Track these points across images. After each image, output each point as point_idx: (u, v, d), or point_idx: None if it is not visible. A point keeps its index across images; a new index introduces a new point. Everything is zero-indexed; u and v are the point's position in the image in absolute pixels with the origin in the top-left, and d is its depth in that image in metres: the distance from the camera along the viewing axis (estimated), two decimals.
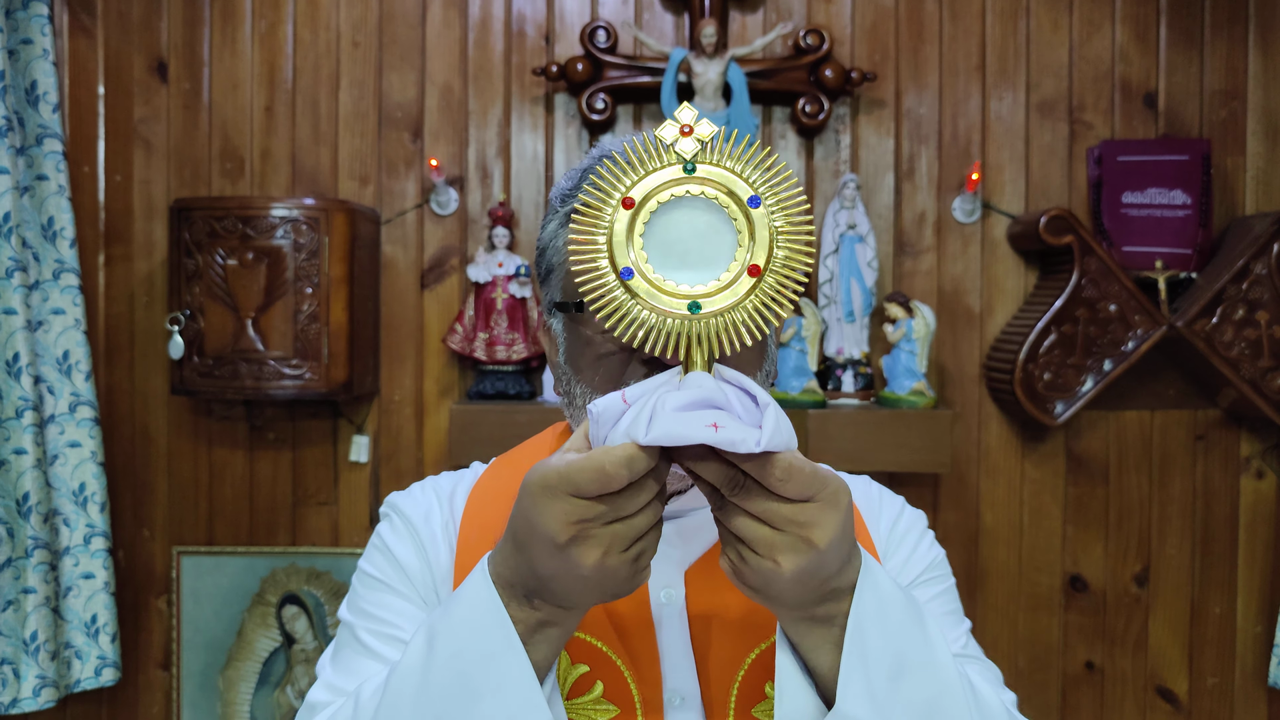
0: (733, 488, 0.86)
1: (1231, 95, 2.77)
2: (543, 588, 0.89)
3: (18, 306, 2.46)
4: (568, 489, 0.84)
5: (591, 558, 0.85)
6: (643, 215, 0.89)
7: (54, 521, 2.57)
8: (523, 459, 1.24)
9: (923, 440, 2.53)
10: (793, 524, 0.85)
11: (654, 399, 0.85)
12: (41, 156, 2.56)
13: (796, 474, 0.84)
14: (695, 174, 0.89)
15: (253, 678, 2.80)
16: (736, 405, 0.86)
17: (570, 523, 0.84)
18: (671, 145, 0.90)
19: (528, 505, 0.87)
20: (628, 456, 0.82)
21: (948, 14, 2.78)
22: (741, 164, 0.90)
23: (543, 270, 1.19)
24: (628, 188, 0.89)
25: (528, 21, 2.78)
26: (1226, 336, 2.58)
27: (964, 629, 1.23)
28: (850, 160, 2.78)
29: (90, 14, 2.74)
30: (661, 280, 0.89)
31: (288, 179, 2.77)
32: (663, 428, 0.82)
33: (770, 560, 0.86)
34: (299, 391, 2.51)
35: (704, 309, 0.88)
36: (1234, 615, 2.80)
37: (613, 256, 0.88)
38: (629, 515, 0.86)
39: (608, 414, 0.87)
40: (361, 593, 1.19)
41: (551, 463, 0.86)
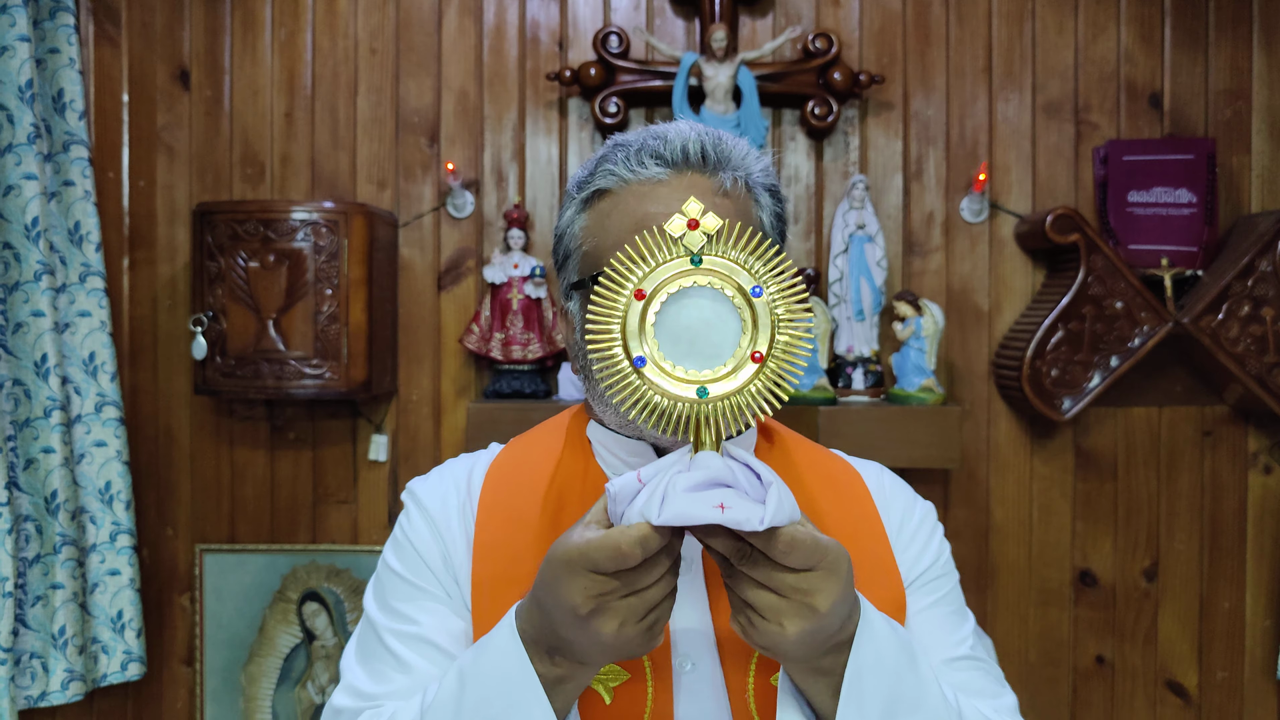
0: (740, 558, 0.93)
1: (1236, 95, 2.80)
2: (564, 647, 0.97)
3: (45, 309, 2.52)
4: (587, 565, 0.91)
5: (610, 627, 0.93)
6: (653, 305, 0.96)
7: (81, 519, 2.63)
8: (539, 440, 1.28)
9: (932, 436, 2.57)
10: (797, 591, 0.92)
11: (666, 480, 0.92)
12: (68, 163, 2.62)
13: (799, 546, 0.91)
14: (702, 265, 0.96)
15: (274, 673, 2.85)
16: (743, 481, 0.93)
17: (590, 596, 0.92)
18: (679, 239, 0.97)
19: (551, 578, 0.94)
20: (641, 537, 0.90)
21: (954, 17, 2.82)
22: (745, 254, 0.96)
23: (559, 256, 1.24)
24: (639, 279, 0.96)
25: (541, 28, 2.83)
26: (1232, 332, 2.61)
27: (969, 628, 1.27)
28: (859, 161, 2.82)
29: (115, 24, 2.81)
30: (671, 367, 0.96)
31: (307, 183, 2.83)
32: (674, 509, 0.90)
33: (776, 624, 0.93)
34: (319, 391, 2.56)
35: (711, 393, 0.95)
36: (1243, 609, 2.83)
37: (626, 345, 0.96)
38: (644, 588, 0.93)
39: (624, 492, 0.94)
40: (387, 587, 1.23)
41: (573, 539, 0.93)
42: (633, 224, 1.14)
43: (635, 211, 1.15)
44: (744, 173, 1.19)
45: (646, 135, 1.19)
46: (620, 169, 1.17)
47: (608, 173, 1.18)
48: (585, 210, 1.20)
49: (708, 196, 1.15)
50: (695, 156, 1.17)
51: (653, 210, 1.14)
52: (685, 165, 1.16)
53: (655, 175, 1.16)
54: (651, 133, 1.19)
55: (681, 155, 1.16)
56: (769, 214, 1.21)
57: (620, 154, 1.18)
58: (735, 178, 1.18)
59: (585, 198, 1.20)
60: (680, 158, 1.16)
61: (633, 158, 1.17)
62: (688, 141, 1.17)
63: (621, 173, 1.17)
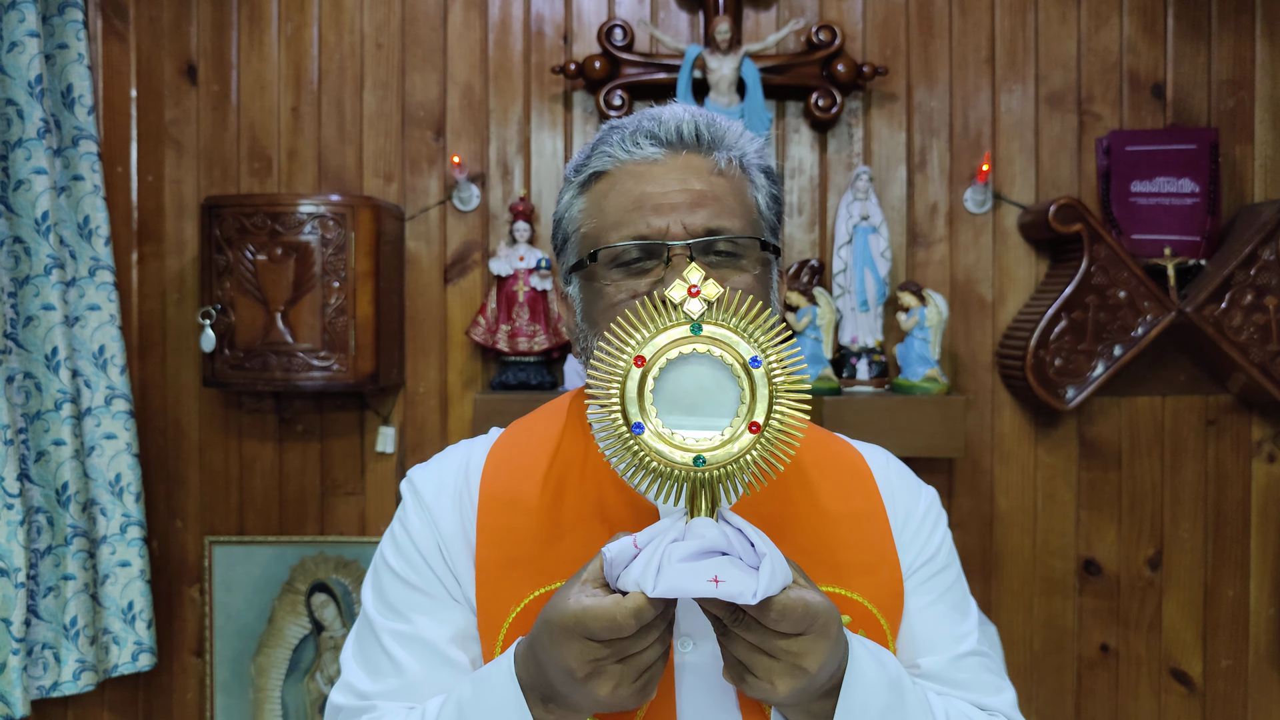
0: (734, 622, 0.96)
1: (1239, 85, 2.81)
2: (558, 699, 1.02)
3: (56, 302, 2.54)
4: (583, 633, 0.95)
5: (605, 690, 0.97)
6: (653, 371, 0.97)
7: (92, 511, 2.65)
8: (538, 423, 1.30)
9: (936, 425, 2.58)
10: (787, 654, 0.96)
11: (661, 549, 0.94)
12: (77, 157, 2.64)
13: (790, 613, 0.94)
14: (701, 334, 0.98)
15: (283, 664, 2.87)
16: (737, 547, 0.95)
17: (586, 661, 0.96)
18: (680, 305, 0.98)
19: (548, 639, 0.98)
20: (637, 608, 0.93)
21: (957, 9, 2.83)
22: (744, 323, 0.98)
23: (559, 240, 1.25)
24: (637, 345, 0.98)
25: (546, 21, 2.85)
26: (1235, 321, 2.62)
27: (972, 621, 1.28)
28: (863, 153, 2.84)
29: (123, 19, 2.83)
30: (669, 434, 0.97)
31: (314, 178, 2.85)
32: (669, 581, 0.92)
33: (768, 682, 0.97)
34: (327, 382, 2.58)
35: (708, 461, 0.96)
36: (1247, 598, 2.84)
37: (625, 412, 0.97)
38: (638, 653, 0.97)
39: (620, 557, 0.96)
40: (384, 584, 1.24)
41: (569, 605, 0.96)
42: (630, 203, 1.16)
43: (632, 191, 1.17)
44: (739, 153, 1.20)
45: (641, 117, 1.21)
46: (616, 150, 1.19)
47: (604, 154, 1.20)
48: (583, 193, 1.22)
49: (704, 176, 1.17)
50: (690, 136, 1.18)
51: (649, 189, 1.16)
52: (680, 145, 1.18)
53: (651, 155, 1.18)
54: (646, 115, 1.21)
55: (676, 135, 1.18)
56: (765, 195, 1.23)
57: (616, 136, 1.20)
58: (730, 158, 1.19)
59: (582, 181, 1.22)
60: (675, 138, 1.18)
61: (628, 139, 1.19)
62: (682, 122, 1.18)
63: (617, 154, 1.19)
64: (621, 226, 1.16)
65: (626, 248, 1.15)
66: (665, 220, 1.14)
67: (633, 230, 1.15)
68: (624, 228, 1.16)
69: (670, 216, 1.15)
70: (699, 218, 1.15)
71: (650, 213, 1.15)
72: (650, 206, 1.15)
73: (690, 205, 1.15)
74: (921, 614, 1.22)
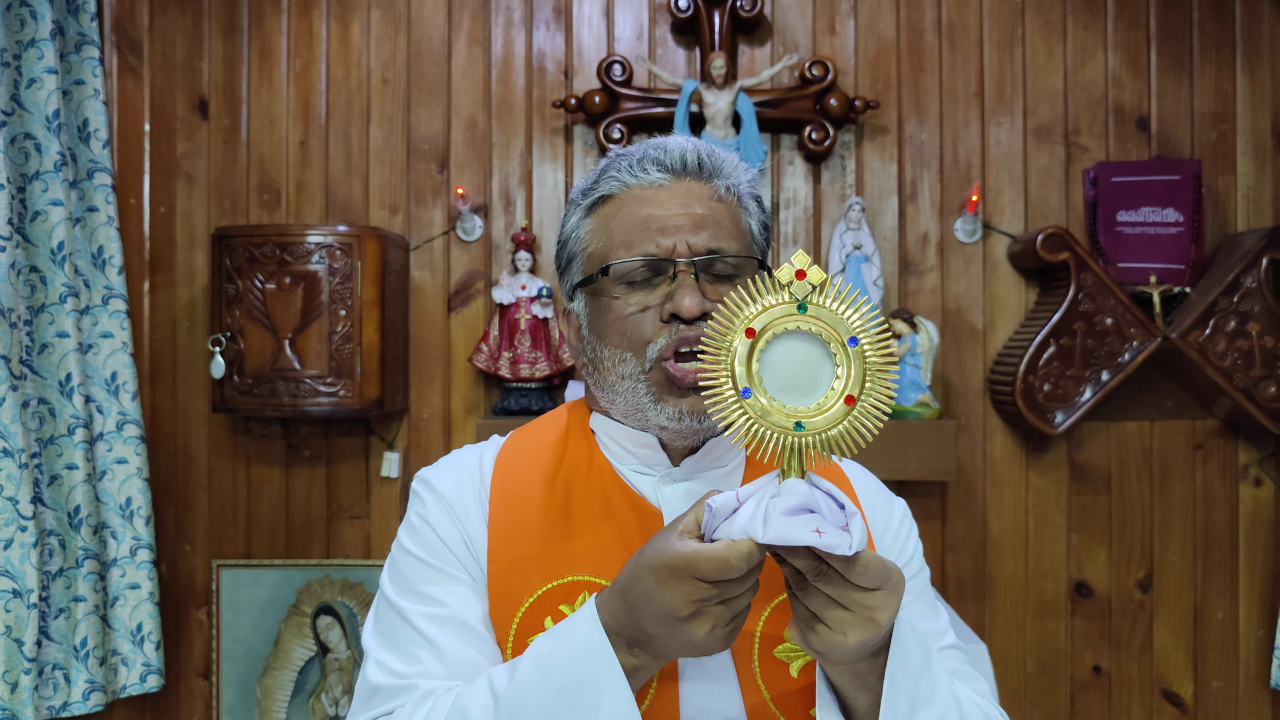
0: (816, 575, 1.03)
1: (1221, 118, 2.89)
2: (648, 642, 1.06)
3: (70, 330, 2.61)
4: (693, 573, 1.01)
5: (703, 630, 1.03)
6: (760, 343, 1.06)
7: (103, 534, 2.71)
8: (539, 432, 1.37)
9: (928, 449, 2.64)
10: (863, 607, 1.03)
11: (765, 503, 1.02)
12: (92, 189, 2.72)
13: (872, 569, 1.01)
14: (806, 313, 1.07)
15: (289, 686, 2.91)
16: (824, 509, 1.03)
17: (692, 600, 1.01)
18: (787, 285, 1.07)
19: (653, 583, 1.03)
20: (748, 552, 1.00)
21: (946, 44, 2.92)
22: (845, 306, 1.07)
23: (564, 260, 1.33)
24: (750, 318, 1.07)
25: (547, 58, 2.94)
26: (1219, 347, 2.69)
27: (944, 619, 1.36)
28: (855, 184, 2.91)
29: (137, 56, 2.92)
30: (772, 400, 1.05)
31: (321, 209, 2.93)
32: (777, 529, 1.00)
33: (841, 634, 1.03)
34: (333, 408, 2.64)
35: (806, 428, 1.05)
36: (1236, 620, 2.89)
37: (734, 377, 1.06)
38: (736, 597, 1.03)
39: (724, 509, 1.04)
40: (407, 572, 1.27)
41: (675, 548, 1.02)
42: (638, 223, 1.25)
43: (639, 213, 1.25)
44: (735, 182, 1.30)
45: (647, 146, 1.30)
46: (624, 175, 1.28)
47: (612, 179, 1.28)
48: (590, 215, 1.30)
49: (705, 201, 1.26)
50: (692, 165, 1.27)
51: (656, 212, 1.25)
52: (684, 172, 1.27)
53: (656, 180, 1.26)
54: (652, 144, 1.30)
55: (680, 163, 1.27)
56: (756, 221, 1.31)
57: (624, 162, 1.29)
58: (728, 186, 1.29)
59: (590, 203, 1.30)
60: (679, 165, 1.27)
61: (635, 165, 1.28)
62: (685, 151, 1.28)
63: (625, 179, 1.27)
64: (630, 245, 1.24)
65: (636, 264, 1.23)
66: (671, 240, 1.23)
67: (641, 249, 1.24)
68: (633, 246, 1.24)
69: (676, 237, 1.23)
70: (701, 238, 1.23)
71: (657, 233, 1.24)
72: (657, 227, 1.24)
73: (693, 227, 1.24)
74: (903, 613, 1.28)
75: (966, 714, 1.16)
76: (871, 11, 2.92)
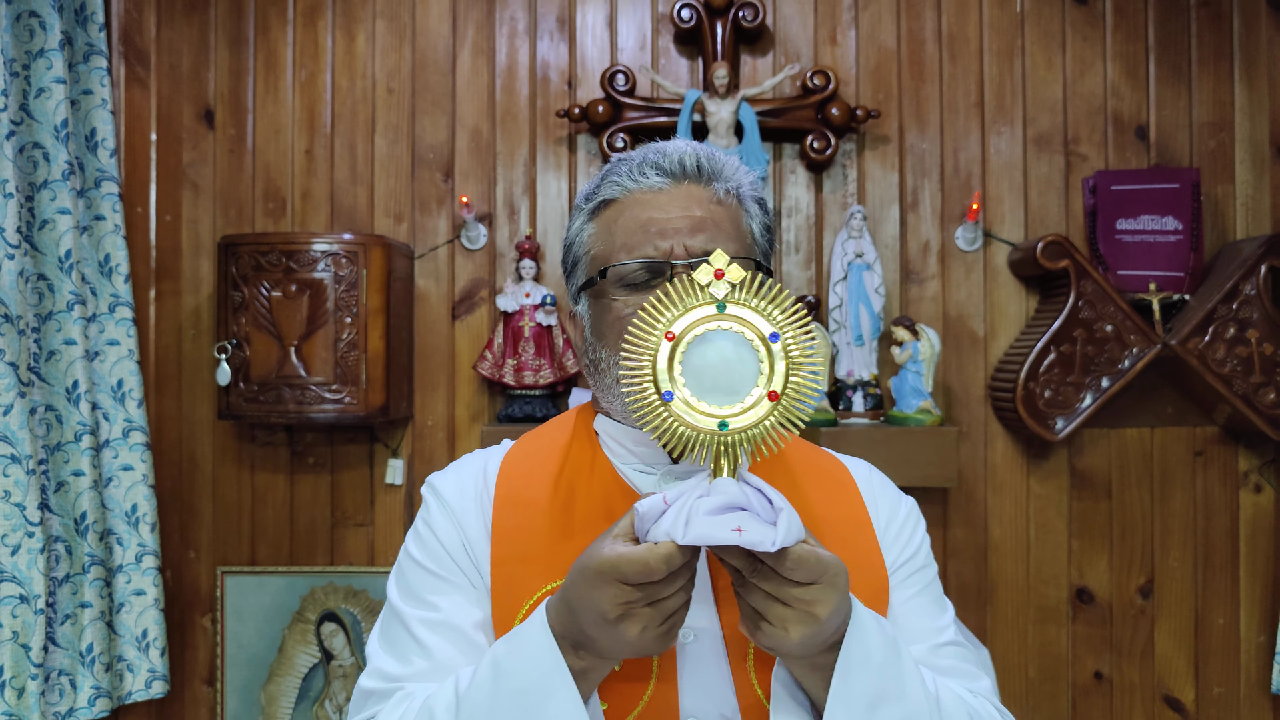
0: (752, 572, 1.06)
1: (1219, 127, 2.91)
2: (590, 644, 1.09)
3: (77, 338, 2.63)
4: (617, 576, 1.03)
5: (634, 631, 1.05)
6: (681, 346, 1.09)
7: (108, 540, 2.72)
8: (548, 434, 1.39)
9: (929, 456, 2.66)
10: (800, 601, 1.05)
11: (689, 503, 1.05)
12: (99, 198, 2.74)
13: (804, 563, 1.03)
14: (726, 312, 1.09)
15: (293, 693, 2.92)
16: (756, 505, 1.06)
17: (618, 604, 1.04)
18: (706, 286, 1.09)
19: (583, 586, 1.06)
20: (668, 554, 1.02)
21: (947, 55, 2.94)
22: (764, 303, 1.09)
23: (569, 263, 1.36)
24: (669, 322, 1.09)
25: (551, 68, 2.96)
26: (1219, 354, 2.71)
27: (948, 616, 1.37)
28: (857, 193, 2.93)
29: (144, 66, 2.94)
30: (696, 402, 1.08)
31: (327, 218, 2.95)
32: (697, 530, 1.02)
33: (782, 629, 1.06)
34: (339, 415, 2.66)
35: (731, 426, 1.07)
36: (1237, 626, 2.90)
37: (656, 381, 1.08)
38: (665, 598, 1.05)
39: (651, 512, 1.06)
40: (410, 577, 1.31)
41: (604, 552, 1.05)
42: (637, 227, 1.27)
43: (639, 216, 1.28)
44: (735, 185, 1.31)
45: (648, 150, 1.32)
46: (625, 179, 1.30)
47: (613, 184, 1.31)
48: (593, 219, 1.32)
49: (704, 204, 1.28)
50: (691, 168, 1.29)
51: (655, 215, 1.27)
52: (683, 176, 1.29)
53: (656, 184, 1.29)
54: (652, 148, 1.32)
55: (679, 167, 1.29)
56: (758, 224, 1.33)
57: (624, 167, 1.31)
58: (727, 189, 1.30)
59: (593, 208, 1.32)
60: (679, 169, 1.29)
61: (635, 170, 1.30)
62: (684, 155, 1.30)
63: (626, 183, 1.30)
64: (630, 248, 1.27)
65: (634, 267, 1.25)
66: (669, 243, 1.25)
67: (640, 251, 1.26)
68: (632, 249, 1.26)
69: (674, 239, 1.25)
70: (699, 241, 1.25)
71: (656, 236, 1.26)
72: (656, 230, 1.26)
73: (691, 229, 1.26)
74: (904, 607, 1.30)
75: (946, 712, 1.17)
76: (872, 22, 2.95)
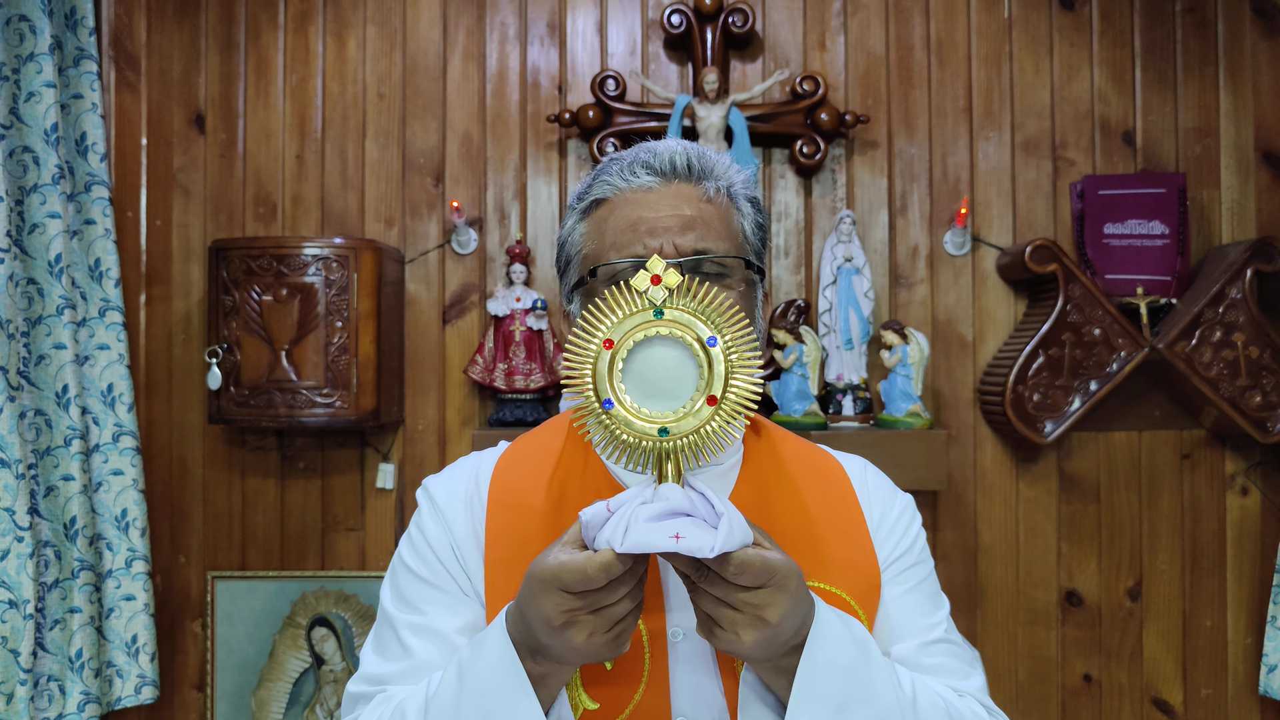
0: (699, 577, 1.07)
1: (1205, 132, 2.94)
2: (543, 650, 1.10)
3: (67, 342, 2.62)
4: (559, 585, 1.04)
5: (580, 638, 1.06)
6: (620, 353, 1.09)
7: (98, 545, 2.72)
8: (541, 436, 1.40)
9: (919, 459, 2.67)
10: (749, 606, 1.05)
11: (630, 510, 1.05)
12: (90, 202, 2.74)
13: (748, 568, 1.03)
14: (664, 317, 1.09)
15: (283, 698, 2.92)
16: (701, 510, 1.06)
17: (562, 611, 1.05)
18: (644, 292, 1.09)
19: (530, 593, 1.07)
20: (605, 563, 1.03)
21: (935, 60, 2.96)
22: (701, 307, 1.09)
23: (562, 263, 1.37)
24: (607, 330, 1.09)
25: (541, 73, 2.97)
26: (1205, 357, 2.73)
27: (943, 613, 1.37)
28: (846, 198, 2.95)
29: (135, 70, 2.94)
30: (636, 408, 1.08)
31: (317, 223, 2.95)
32: (635, 538, 1.02)
33: (733, 633, 1.06)
34: (330, 419, 2.66)
35: (672, 432, 1.08)
36: (1225, 627, 2.91)
37: (596, 389, 1.08)
38: (609, 605, 1.06)
39: (595, 520, 1.07)
40: (401, 582, 1.33)
41: (548, 561, 1.06)
42: (627, 225, 1.27)
43: (629, 215, 1.28)
44: (726, 183, 1.32)
45: (639, 150, 1.33)
46: (615, 179, 1.31)
47: (604, 183, 1.32)
48: (585, 218, 1.33)
49: (694, 203, 1.28)
50: (682, 167, 1.30)
51: (644, 214, 1.27)
52: (673, 175, 1.30)
53: (647, 183, 1.29)
54: (643, 148, 1.33)
55: (670, 166, 1.30)
56: (750, 222, 1.33)
57: (615, 166, 1.32)
58: (718, 187, 1.31)
59: (585, 207, 1.33)
60: (669, 168, 1.30)
61: (626, 169, 1.31)
62: (675, 154, 1.30)
63: (616, 182, 1.30)
64: (620, 247, 1.27)
65: (624, 265, 1.26)
66: (658, 241, 1.25)
67: (629, 250, 1.26)
68: (622, 248, 1.27)
69: (663, 238, 1.26)
70: (688, 239, 1.26)
71: (645, 235, 1.26)
72: (645, 229, 1.26)
73: (681, 228, 1.26)
74: (896, 603, 1.30)
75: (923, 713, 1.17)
76: (861, 28, 2.97)
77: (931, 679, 1.25)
